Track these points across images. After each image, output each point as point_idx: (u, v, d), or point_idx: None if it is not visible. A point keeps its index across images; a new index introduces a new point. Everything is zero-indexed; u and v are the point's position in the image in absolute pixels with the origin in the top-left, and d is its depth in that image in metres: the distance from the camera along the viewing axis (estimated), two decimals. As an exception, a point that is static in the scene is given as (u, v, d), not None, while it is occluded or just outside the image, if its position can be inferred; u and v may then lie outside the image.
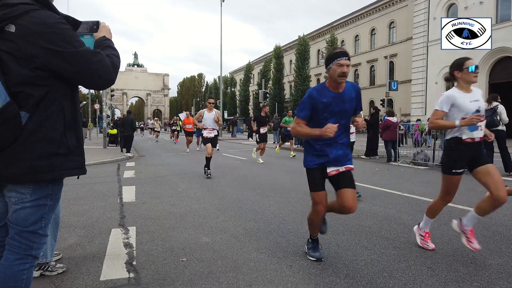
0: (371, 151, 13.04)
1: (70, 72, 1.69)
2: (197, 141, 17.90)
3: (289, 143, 14.63)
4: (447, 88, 30.85)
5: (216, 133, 8.84)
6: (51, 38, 1.62)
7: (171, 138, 26.17)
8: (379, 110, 14.43)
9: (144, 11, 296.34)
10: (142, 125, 48.52)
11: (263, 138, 12.15)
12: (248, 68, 56.49)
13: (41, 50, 1.62)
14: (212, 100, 9.04)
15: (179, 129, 24.87)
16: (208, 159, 8.43)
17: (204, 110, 8.87)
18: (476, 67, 3.25)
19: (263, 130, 12.10)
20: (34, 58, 1.62)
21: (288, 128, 13.84)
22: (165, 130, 45.25)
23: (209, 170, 8.31)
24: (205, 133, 8.65)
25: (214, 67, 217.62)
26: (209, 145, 8.56)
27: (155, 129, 28.60)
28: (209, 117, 8.65)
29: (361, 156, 13.03)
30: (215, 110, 8.83)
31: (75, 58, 1.65)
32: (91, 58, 1.68)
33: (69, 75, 1.71)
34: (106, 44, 1.84)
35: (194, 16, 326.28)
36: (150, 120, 42.16)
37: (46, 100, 1.69)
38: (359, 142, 13.08)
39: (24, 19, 1.62)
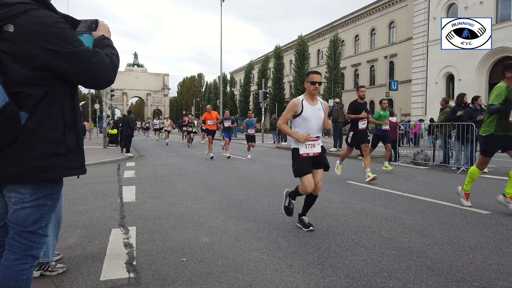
0: None
1: (70, 72, 1.68)
2: (225, 145, 13.72)
3: (384, 151, 9.77)
4: (447, 88, 30.97)
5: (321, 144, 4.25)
6: (50, 38, 1.62)
7: (186, 141, 22.43)
8: (369, 111, 14.23)
9: (145, 11, 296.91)
10: (147, 125, 42.81)
11: (364, 137, 7.84)
12: (249, 68, 56.51)
13: (41, 50, 1.61)
14: (318, 77, 4.13)
15: (194, 130, 21.90)
16: (309, 201, 4.29)
17: (300, 98, 4.15)
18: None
19: (363, 124, 7.79)
20: (33, 58, 1.62)
21: (384, 127, 9.49)
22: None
23: (305, 218, 4.30)
24: (303, 150, 4.06)
25: (214, 67, 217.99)
26: (318, 172, 4.16)
27: (165, 128, 24.51)
28: (314, 112, 4.11)
29: (359, 158, 13.02)
30: (320, 100, 4.27)
31: (75, 58, 1.65)
32: (90, 57, 1.68)
33: (69, 75, 1.70)
34: (105, 43, 1.84)
35: (195, 16, 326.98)
36: (157, 119, 33.46)
37: (46, 100, 1.68)
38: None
39: (23, 18, 1.61)
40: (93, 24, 1.90)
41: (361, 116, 7.80)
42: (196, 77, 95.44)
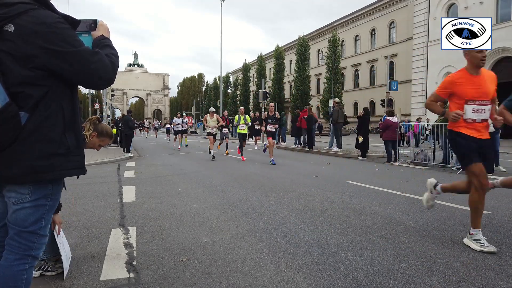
0: (365, 151, 13.07)
1: (69, 72, 1.68)
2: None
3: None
4: (447, 88, 30.92)
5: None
6: (50, 37, 1.61)
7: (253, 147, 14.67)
8: (369, 112, 14.22)
9: (145, 11, 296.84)
10: (167, 126, 26.78)
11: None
12: (246, 68, 56.40)
13: (40, 50, 1.61)
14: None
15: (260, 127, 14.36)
16: None
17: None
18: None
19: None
20: (33, 58, 1.61)
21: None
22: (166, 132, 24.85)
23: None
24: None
25: (215, 67, 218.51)
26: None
27: (209, 130, 13.47)
28: None
29: (359, 158, 13.02)
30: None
31: (74, 58, 1.65)
32: (90, 58, 1.68)
33: (68, 75, 1.70)
34: (104, 43, 1.83)
35: (196, 16, 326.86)
36: (179, 118, 19.53)
37: (46, 100, 1.68)
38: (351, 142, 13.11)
39: (23, 18, 1.61)
40: (92, 24, 1.89)
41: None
42: (196, 77, 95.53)
